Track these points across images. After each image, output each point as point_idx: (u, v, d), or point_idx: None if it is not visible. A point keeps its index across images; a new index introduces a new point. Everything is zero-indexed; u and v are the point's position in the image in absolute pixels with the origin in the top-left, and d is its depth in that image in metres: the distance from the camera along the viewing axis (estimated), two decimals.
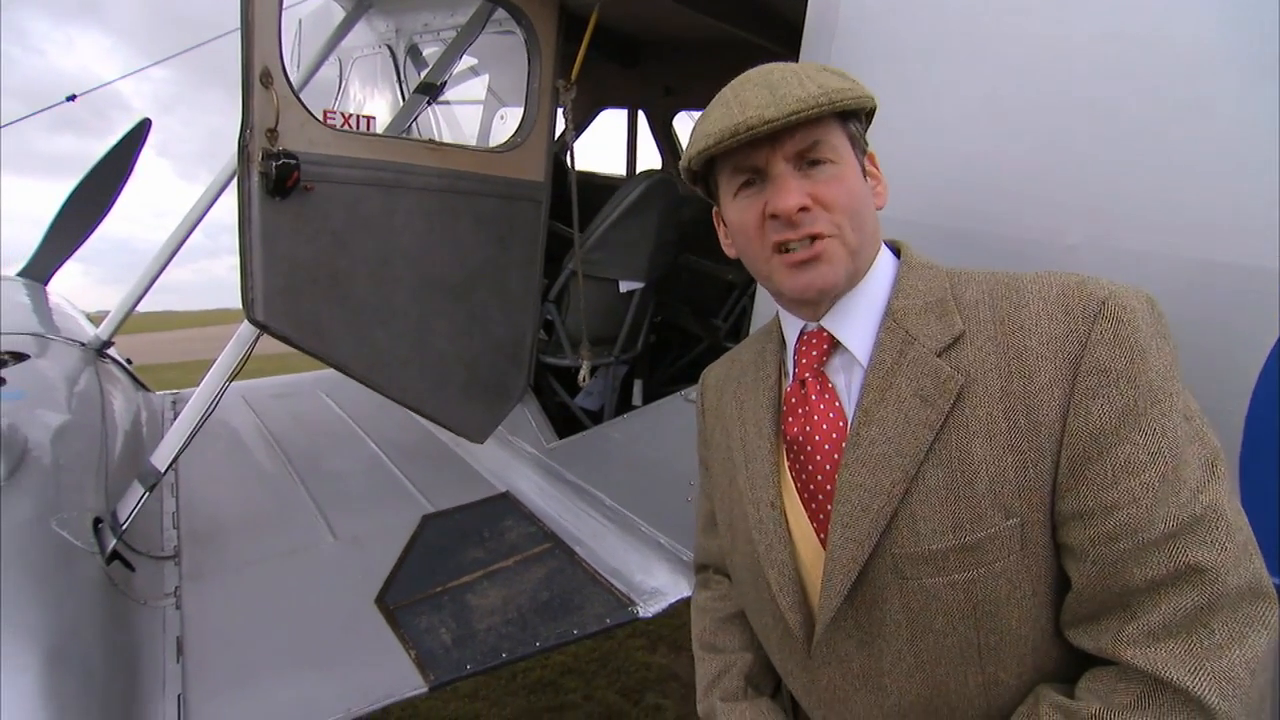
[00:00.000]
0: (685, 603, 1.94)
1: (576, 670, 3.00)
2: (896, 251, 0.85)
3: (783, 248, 0.77)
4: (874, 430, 0.76)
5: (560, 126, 2.21)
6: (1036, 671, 0.75)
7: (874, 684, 0.79)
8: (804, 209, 0.74)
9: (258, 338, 1.80)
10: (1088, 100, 1.07)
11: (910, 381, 0.75)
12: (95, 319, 3.21)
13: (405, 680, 1.55)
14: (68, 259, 3.45)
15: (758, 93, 0.74)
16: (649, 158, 4.02)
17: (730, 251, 0.87)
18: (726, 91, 0.78)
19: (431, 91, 2.25)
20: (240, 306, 1.71)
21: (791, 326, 0.86)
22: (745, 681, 0.96)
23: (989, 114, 1.18)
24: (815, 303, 0.80)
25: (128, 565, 1.68)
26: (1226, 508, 0.66)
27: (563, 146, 2.29)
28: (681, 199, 2.55)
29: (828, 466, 0.79)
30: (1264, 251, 0.93)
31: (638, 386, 2.74)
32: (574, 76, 2.09)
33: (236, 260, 1.67)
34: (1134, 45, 1.03)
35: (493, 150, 2.13)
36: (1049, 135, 1.12)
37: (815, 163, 0.76)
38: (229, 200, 2.67)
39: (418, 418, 2.45)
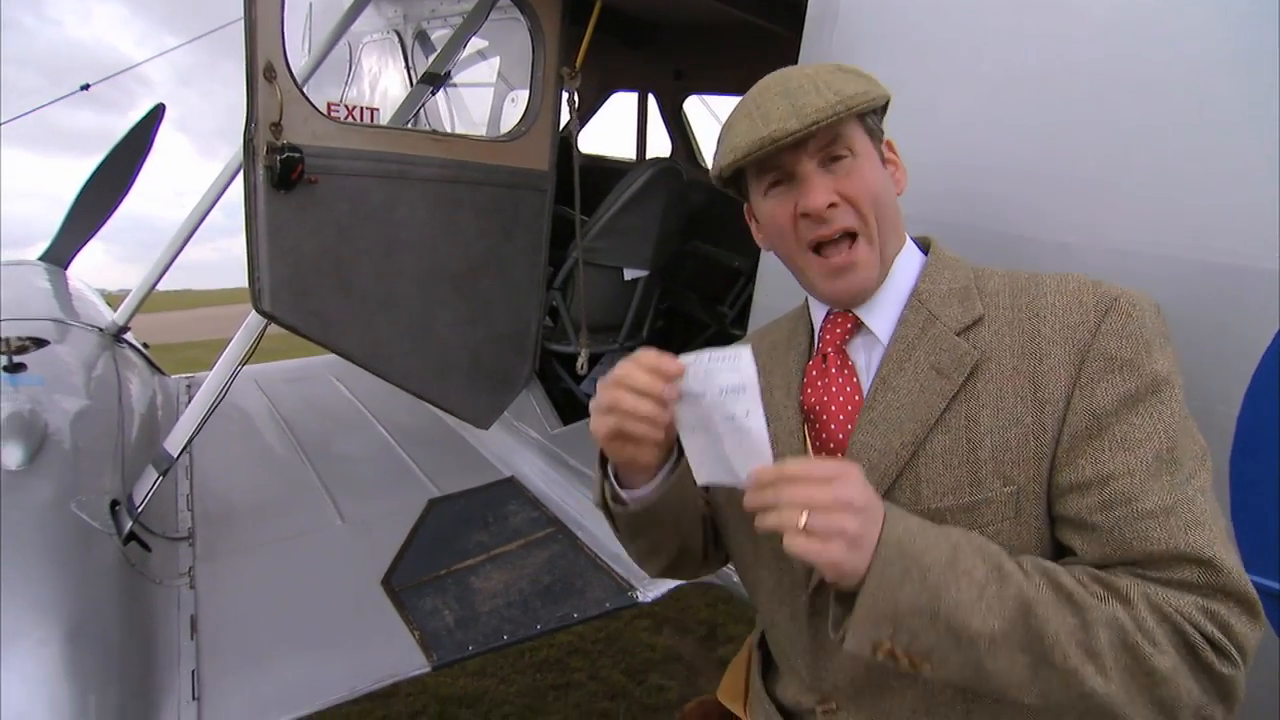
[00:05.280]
0: (684, 588, 1.97)
1: (582, 650, 3.05)
2: (925, 248, 0.89)
3: (818, 249, 0.82)
4: (889, 396, 0.81)
5: (566, 114, 2.20)
6: None
7: None
8: (832, 205, 0.80)
9: (265, 326, 1.84)
10: (1087, 94, 1.07)
11: (929, 355, 0.81)
12: (113, 299, 3.27)
13: (409, 660, 1.60)
14: (86, 243, 3.51)
15: (778, 103, 0.78)
16: (659, 141, 3.99)
17: (764, 245, 0.91)
18: (749, 101, 0.82)
19: (436, 82, 2.25)
20: None
21: (818, 307, 0.91)
22: None
23: (986, 107, 1.18)
24: (848, 304, 0.86)
25: (144, 546, 1.74)
26: (1213, 498, 0.71)
27: (568, 133, 2.29)
28: (687, 186, 2.54)
29: (840, 436, 0.84)
30: (1259, 252, 0.93)
31: None
32: (579, 64, 2.08)
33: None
34: (1135, 41, 1.03)
35: (497, 140, 2.14)
36: (1047, 129, 1.11)
37: (837, 158, 0.81)
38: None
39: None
